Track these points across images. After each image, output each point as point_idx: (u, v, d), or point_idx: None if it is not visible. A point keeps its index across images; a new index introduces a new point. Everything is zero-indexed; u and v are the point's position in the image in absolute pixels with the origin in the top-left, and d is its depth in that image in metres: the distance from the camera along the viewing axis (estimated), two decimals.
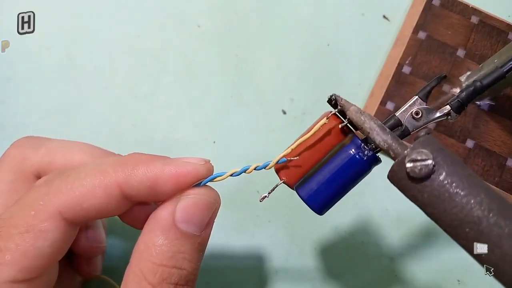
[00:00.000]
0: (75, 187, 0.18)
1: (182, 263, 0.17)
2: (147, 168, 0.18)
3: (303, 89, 0.35)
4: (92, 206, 0.18)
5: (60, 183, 0.18)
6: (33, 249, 0.17)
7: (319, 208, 0.19)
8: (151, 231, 0.18)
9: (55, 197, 0.18)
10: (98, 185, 0.18)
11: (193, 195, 0.19)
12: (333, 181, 0.19)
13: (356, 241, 0.32)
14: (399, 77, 0.34)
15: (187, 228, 0.18)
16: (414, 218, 0.33)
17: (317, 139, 0.20)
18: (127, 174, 0.18)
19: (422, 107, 0.20)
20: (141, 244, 0.18)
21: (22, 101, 0.34)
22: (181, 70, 0.35)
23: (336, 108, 0.19)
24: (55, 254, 0.18)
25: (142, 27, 0.36)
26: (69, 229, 0.18)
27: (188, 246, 0.18)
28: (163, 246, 0.17)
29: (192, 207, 0.18)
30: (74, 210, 0.18)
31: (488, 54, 0.35)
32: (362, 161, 0.19)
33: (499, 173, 0.32)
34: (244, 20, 0.37)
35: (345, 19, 0.37)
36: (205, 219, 0.18)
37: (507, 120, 0.33)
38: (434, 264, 0.32)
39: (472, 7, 0.36)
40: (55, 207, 0.17)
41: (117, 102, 0.34)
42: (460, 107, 0.20)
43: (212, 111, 0.34)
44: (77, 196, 0.18)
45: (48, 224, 0.17)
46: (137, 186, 0.18)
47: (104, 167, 0.18)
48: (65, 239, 0.18)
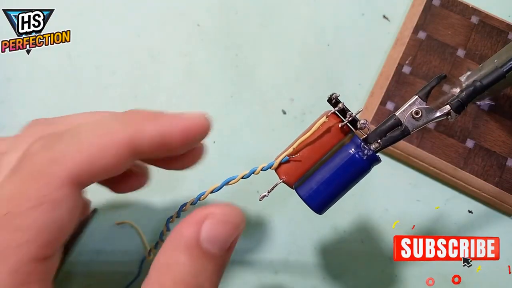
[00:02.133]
0: (85, 149, 0.16)
1: (203, 283, 0.17)
2: (156, 124, 0.18)
3: (303, 89, 0.35)
4: (103, 166, 0.17)
5: (66, 146, 0.16)
6: (51, 222, 0.16)
7: (318, 207, 0.19)
8: (174, 248, 0.17)
9: (65, 162, 0.16)
10: (110, 144, 0.17)
11: (221, 214, 0.18)
12: (332, 181, 0.19)
13: (356, 241, 0.32)
14: (399, 77, 0.34)
15: (212, 248, 0.17)
16: (414, 218, 0.33)
17: (316, 138, 0.20)
18: (137, 130, 0.17)
19: (422, 107, 0.20)
20: (162, 260, 0.17)
21: (22, 101, 0.34)
22: (181, 70, 0.35)
23: (336, 107, 0.19)
24: (71, 223, 0.17)
25: (142, 27, 0.36)
26: (79, 194, 0.17)
27: (210, 267, 0.17)
28: (185, 265, 0.17)
29: (219, 226, 0.17)
30: (86, 174, 0.16)
31: (488, 54, 0.35)
32: (362, 161, 0.19)
33: (499, 173, 0.32)
34: (244, 20, 0.37)
35: (345, 19, 0.37)
36: (230, 240, 0.18)
37: (507, 120, 0.33)
38: (434, 264, 0.32)
39: (472, 7, 0.36)
40: (67, 173, 0.16)
41: (117, 102, 0.34)
42: (460, 107, 0.20)
43: (212, 111, 0.34)
44: (88, 159, 0.16)
45: (62, 192, 0.16)
46: (148, 142, 0.17)
47: (111, 125, 0.17)
48: (78, 205, 0.17)
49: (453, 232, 0.33)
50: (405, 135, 0.20)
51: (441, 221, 0.33)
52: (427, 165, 0.33)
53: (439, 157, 0.32)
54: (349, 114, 0.19)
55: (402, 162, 0.34)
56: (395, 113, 0.20)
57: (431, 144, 0.33)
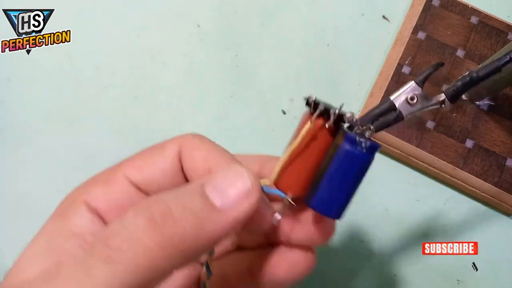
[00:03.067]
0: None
1: (182, 213, 0.16)
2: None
3: (303, 89, 0.35)
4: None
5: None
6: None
7: (337, 214, 0.19)
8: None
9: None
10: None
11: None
12: (342, 184, 0.18)
13: (356, 241, 0.32)
14: (398, 77, 0.34)
15: (210, 191, 0.17)
16: (413, 218, 0.33)
17: (308, 144, 0.19)
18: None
19: (417, 93, 0.20)
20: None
21: (22, 101, 0.34)
22: (181, 70, 0.35)
23: (317, 109, 0.18)
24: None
25: (142, 27, 0.36)
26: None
27: (199, 205, 0.16)
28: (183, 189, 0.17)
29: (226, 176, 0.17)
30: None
31: (487, 54, 0.35)
32: (363, 154, 0.18)
33: (498, 173, 0.32)
34: (244, 20, 0.37)
35: (345, 19, 0.37)
36: (231, 193, 0.17)
37: (506, 120, 0.34)
38: (434, 264, 0.32)
39: (471, 7, 0.36)
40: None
41: (117, 102, 0.34)
42: (454, 96, 0.19)
43: (212, 111, 0.34)
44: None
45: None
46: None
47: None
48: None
49: (452, 232, 0.33)
50: (399, 121, 0.19)
51: (440, 221, 0.33)
52: (427, 165, 0.33)
53: (438, 157, 0.32)
54: (333, 112, 0.18)
55: (402, 162, 0.34)
56: (390, 97, 0.20)
57: (431, 144, 0.33)
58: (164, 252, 0.15)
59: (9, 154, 0.32)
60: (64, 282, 0.15)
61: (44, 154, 0.32)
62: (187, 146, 0.20)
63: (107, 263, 0.14)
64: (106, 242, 0.15)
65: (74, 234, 0.19)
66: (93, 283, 0.14)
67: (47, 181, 0.32)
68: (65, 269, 0.15)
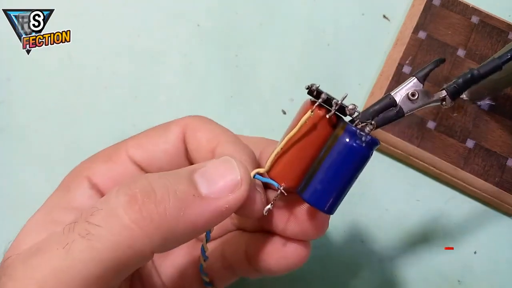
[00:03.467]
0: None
1: (164, 194, 0.15)
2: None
3: (303, 89, 0.35)
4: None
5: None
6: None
7: (328, 208, 0.18)
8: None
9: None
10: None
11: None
12: (336, 177, 0.18)
13: (356, 241, 0.32)
14: (399, 77, 0.34)
15: (197, 177, 0.16)
16: (414, 218, 0.33)
17: (305, 134, 0.18)
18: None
19: (418, 89, 0.19)
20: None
21: (22, 101, 0.34)
22: (181, 70, 0.35)
23: (320, 98, 0.18)
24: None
25: (142, 27, 0.36)
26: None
27: (183, 188, 0.16)
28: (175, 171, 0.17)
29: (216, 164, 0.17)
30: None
31: (488, 54, 0.35)
32: (362, 148, 0.17)
33: (499, 173, 0.32)
34: (244, 20, 0.37)
35: (345, 19, 0.37)
36: (219, 180, 0.17)
37: (507, 120, 0.33)
38: (435, 264, 0.32)
39: (472, 7, 0.36)
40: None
41: (117, 102, 0.34)
42: (455, 93, 0.19)
43: (212, 111, 0.34)
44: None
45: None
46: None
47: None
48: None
49: (453, 232, 0.33)
50: (400, 117, 0.19)
51: (441, 221, 0.33)
52: (427, 165, 0.33)
53: (439, 157, 0.32)
54: (335, 103, 0.18)
55: (402, 162, 0.34)
56: (391, 93, 0.19)
57: (432, 144, 0.33)
58: (142, 232, 0.15)
59: (9, 154, 0.32)
60: (46, 257, 0.15)
61: (44, 154, 0.32)
62: (191, 127, 0.20)
63: (86, 239, 0.15)
64: (87, 218, 0.15)
65: (72, 207, 0.19)
66: (72, 258, 0.14)
67: (46, 181, 0.32)
68: (49, 244, 0.15)
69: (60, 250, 0.15)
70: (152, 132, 0.21)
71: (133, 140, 0.21)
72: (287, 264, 0.20)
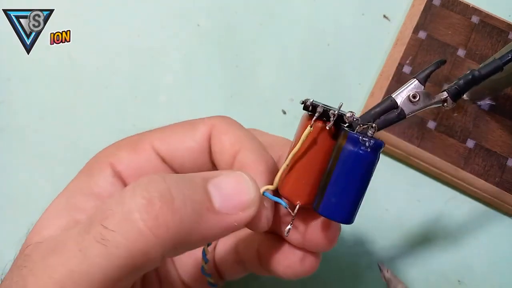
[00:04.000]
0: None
1: (182, 201, 0.15)
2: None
3: (303, 89, 0.35)
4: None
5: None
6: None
7: (348, 219, 0.18)
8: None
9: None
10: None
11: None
12: (349, 187, 0.18)
13: (356, 241, 0.32)
14: (399, 77, 0.34)
15: (212, 188, 0.16)
16: (414, 218, 0.33)
17: (309, 148, 0.18)
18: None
19: (419, 91, 0.19)
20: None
21: (22, 101, 0.34)
22: (181, 70, 0.35)
23: (316, 112, 0.18)
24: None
25: (142, 27, 0.36)
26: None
27: (200, 198, 0.16)
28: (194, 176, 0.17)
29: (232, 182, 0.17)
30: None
31: (488, 54, 0.35)
32: (367, 154, 0.17)
33: (499, 173, 0.32)
34: (244, 20, 0.37)
35: (345, 19, 0.37)
36: (234, 200, 0.17)
37: (507, 120, 0.33)
38: (435, 264, 0.32)
39: (472, 6, 0.36)
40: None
41: (117, 102, 0.34)
42: (456, 95, 0.19)
43: (212, 111, 0.34)
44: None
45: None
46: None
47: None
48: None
49: (453, 232, 0.33)
50: (401, 119, 0.19)
51: (441, 222, 0.33)
52: (428, 165, 0.33)
53: (439, 157, 0.32)
54: (332, 113, 0.18)
55: (402, 162, 0.34)
56: (392, 95, 0.19)
57: (432, 144, 0.33)
58: (157, 239, 0.15)
59: (9, 154, 0.32)
60: (63, 257, 0.15)
61: (43, 154, 0.32)
62: (218, 129, 0.20)
63: (102, 244, 0.15)
64: (102, 220, 0.15)
65: (94, 193, 0.19)
66: (88, 263, 0.15)
67: (46, 181, 0.32)
68: (66, 244, 0.15)
69: (76, 252, 0.15)
70: (179, 128, 0.21)
71: (159, 133, 0.21)
72: (294, 273, 0.21)
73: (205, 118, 0.21)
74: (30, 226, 0.19)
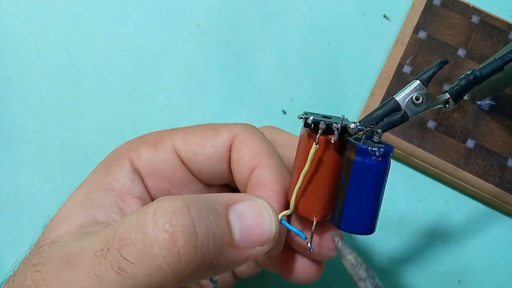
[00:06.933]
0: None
1: (204, 237, 0.15)
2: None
3: (303, 89, 0.35)
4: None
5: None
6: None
7: (369, 230, 0.18)
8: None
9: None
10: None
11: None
12: (366, 199, 0.18)
13: (356, 241, 0.32)
14: (399, 77, 0.34)
15: (234, 218, 0.16)
16: (414, 219, 0.33)
17: (317, 164, 0.18)
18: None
19: (422, 92, 0.19)
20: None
21: (22, 101, 0.34)
22: (181, 70, 0.35)
23: (319, 128, 0.17)
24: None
25: (142, 27, 0.36)
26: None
27: (222, 232, 0.16)
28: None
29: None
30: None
31: (488, 53, 0.35)
32: (379, 163, 0.17)
33: (499, 173, 0.32)
34: (244, 20, 0.37)
35: (345, 19, 0.37)
36: (254, 236, 0.17)
37: (508, 120, 0.33)
38: (435, 264, 0.32)
39: (472, 6, 0.36)
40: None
41: (117, 102, 0.34)
42: (458, 95, 0.19)
43: (212, 111, 0.34)
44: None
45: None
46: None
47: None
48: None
49: (453, 232, 0.33)
50: (404, 121, 0.19)
51: (441, 222, 0.33)
52: (428, 165, 0.33)
53: (439, 157, 0.32)
54: (335, 127, 0.17)
55: (403, 162, 0.34)
56: (394, 97, 0.19)
57: (432, 144, 0.33)
58: (175, 275, 0.15)
59: (9, 154, 0.32)
60: (78, 277, 0.15)
61: (43, 154, 0.32)
62: (239, 139, 0.20)
63: (118, 274, 0.14)
64: (120, 249, 0.15)
65: (112, 189, 0.19)
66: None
67: (46, 181, 0.32)
68: (82, 263, 0.15)
69: (92, 275, 0.15)
70: (200, 131, 0.21)
71: (180, 133, 0.20)
72: (298, 279, 0.21)
73: (228, 125, 0.21)
74: (30, 225, 0.19)
